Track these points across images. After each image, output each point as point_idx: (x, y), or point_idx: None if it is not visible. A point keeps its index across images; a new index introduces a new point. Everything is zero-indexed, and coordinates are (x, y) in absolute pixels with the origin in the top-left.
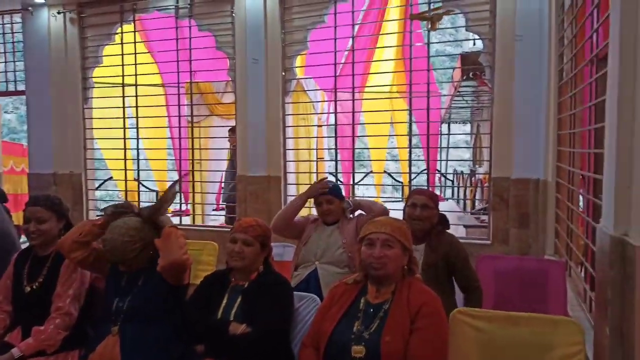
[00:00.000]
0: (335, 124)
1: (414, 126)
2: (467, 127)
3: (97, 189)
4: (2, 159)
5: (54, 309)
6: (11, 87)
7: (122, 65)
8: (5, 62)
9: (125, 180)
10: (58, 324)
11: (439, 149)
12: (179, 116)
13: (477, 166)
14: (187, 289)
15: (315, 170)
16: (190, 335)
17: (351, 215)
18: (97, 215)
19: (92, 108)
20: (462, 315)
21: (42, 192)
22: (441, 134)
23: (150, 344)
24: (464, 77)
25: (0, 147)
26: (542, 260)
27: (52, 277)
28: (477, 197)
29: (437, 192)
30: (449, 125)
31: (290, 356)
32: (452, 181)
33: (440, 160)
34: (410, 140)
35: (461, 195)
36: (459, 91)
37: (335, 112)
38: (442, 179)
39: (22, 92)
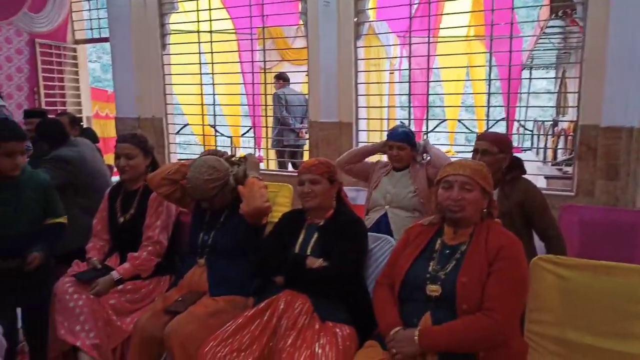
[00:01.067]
0: (410, 69)
1: (494, 70)
2: (550, 74)
3: (177, 133)
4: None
5: (145, 238)
6: (96, 35)
7: (197, 10)
8: (90, 9)
9: (203, 126)
10: (150, 251)
11: (518, 96)
12: (252, 62)
13: (560, 114)
14: (265, 228)
15: (386, 117)
16: (269, 268)
17: (422, 158)
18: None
19: (170, 54)
20: (543, 262)
21: (129, 132)
22: (522, 79)
23: (234, 276)
24: (552, 16)
25: (89, 93)
26: (634, 212)
27: (141, 209)
28: (560, 147)
29: (515, 142)
30: (530, 71)
31: (364, 293)
32: (532, 130)
33: (520, 107)
34: (489, 85)
35: (541, 146)
36: (544, 32)
37: (410, 56)
38: (521, 128)
39: (105, 39)
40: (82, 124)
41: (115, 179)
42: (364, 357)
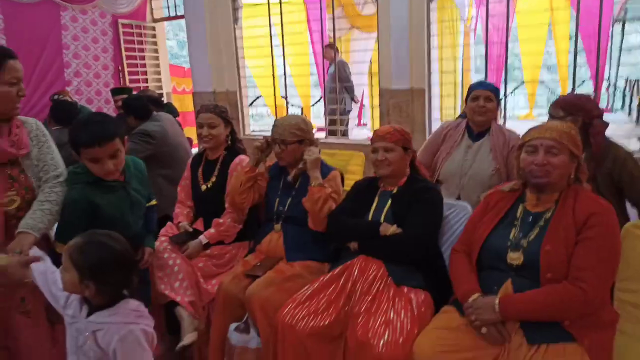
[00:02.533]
0: (487, 30)
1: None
2: None
3: (250, 105)
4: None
5: (227, 205)
6: (172, 13)
7: None
8: None
9: (275, 97)
10: (234, 218)
11: (608, 53)
12: (322, 31)
13: None
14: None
15: (460, 82)
16: (344, 235)
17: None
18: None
19: (242, 28)
20: (636, 229)
21: (210, 103)
22: (612, 36)
23: (309, 242)
24: None
25: (168, 70)
26: None
27: (222, 178)
28: None
29: (604, 103)
30: (623, 25)
31: (440, 259)
32: (624, 90)
33: (610, 66)
34: (575, 43)
35: (634, 107)
36: None
37: (487, 16)
38: (611, 88)
39: (181, 17)
40: (162, 99)
41: (194, 150)
42: (441, 322)
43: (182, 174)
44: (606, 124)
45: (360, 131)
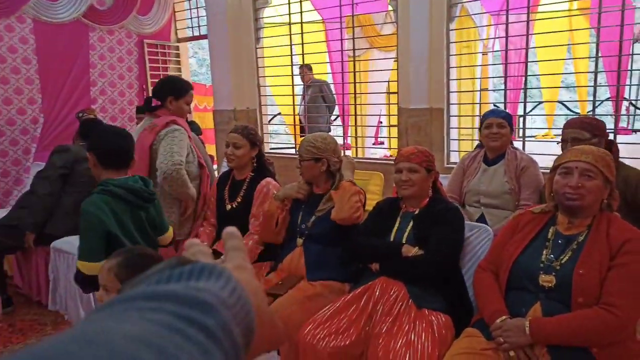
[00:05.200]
0: (506, 49)
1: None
2: None
3: (269, 122)
4: None
5: (251, 227)
6: (196, 33)
7: (289, 3)
8: (190, 9)
9: (294, 116)
10: (255, 240)
11: (628, 73)
12: (341, 51)
13: None
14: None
15: (478, 101)
16: (365, 255)
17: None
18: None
19: (264, 47)
20: None
21: (241, 124)
22: (633, 54)
23: (330, 261)
24: None
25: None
26: None
27: (248, 198)
28: None
29: (624, 123)
30: None
31: (461, 282)
32: None
33: (630, 86)
34: (596, 63)
35: None
36: None
37: (506, 37)
38: (631, 107)
39: (204, 37)
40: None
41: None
42: (465, 345)
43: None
44: (618, 147)
45: (378, 149)
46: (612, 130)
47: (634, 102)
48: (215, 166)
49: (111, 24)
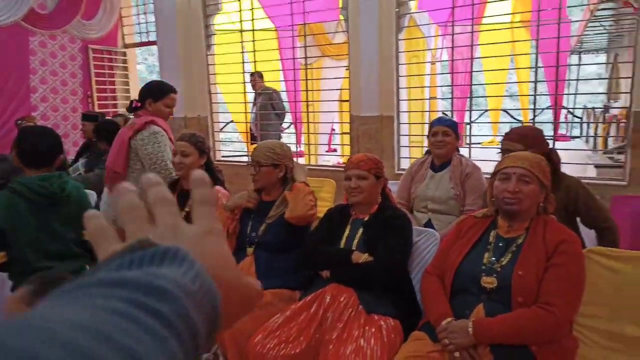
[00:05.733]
0: (452, 59)
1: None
2: (600, 58)
3: (220, 130)
4: None
5: None
6: (144, 38)
7: (240, 11)
8: (138, 14)
9: (246, 123)
10: None
11: (566, 83)
12: (293, 59)
13: (611, 100)
14: (311, 225)
15: (428, 109)
16: (316, 262)
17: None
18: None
19: (215, 54)
20: (594, 255)
21: (189, 132)
22: (570, 65)
23: (280, 269)
24: None
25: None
26: None
27: None
28: (611, 134)
29: (563, 130)
30: (579, 56)
31: (409, 286)
32: (581, 118)
33: (568, 95)
34: (536, 73)
35: (591, 133)
36: (594, 15)
37: (452, 47)
38: (570, 115)
39: (153, 43)
40: None
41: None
42: (412, 348)
43: None
44: (559, 156)
45: (330, 156)
46: (552, 137)
47: (571, 110)
48: None
49: (53, 29)
